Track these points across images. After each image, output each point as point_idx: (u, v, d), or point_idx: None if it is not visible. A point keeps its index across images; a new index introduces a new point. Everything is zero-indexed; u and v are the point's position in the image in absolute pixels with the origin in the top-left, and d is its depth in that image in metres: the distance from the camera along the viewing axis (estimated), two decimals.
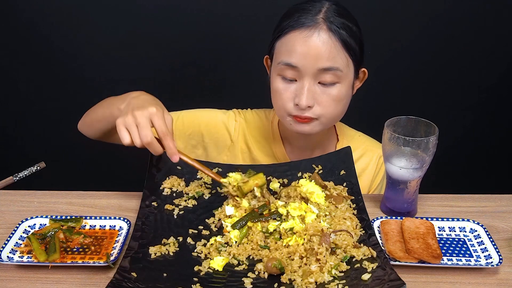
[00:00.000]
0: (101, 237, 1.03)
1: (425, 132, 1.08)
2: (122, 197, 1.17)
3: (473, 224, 1.06)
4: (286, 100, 1.20)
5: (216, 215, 1.07)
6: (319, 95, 1.18)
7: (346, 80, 1.20)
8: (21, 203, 1.14)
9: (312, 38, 1.15)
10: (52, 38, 2.11)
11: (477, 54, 2.18)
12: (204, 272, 0.93)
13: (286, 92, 1.20)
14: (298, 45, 1.16)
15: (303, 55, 1.15)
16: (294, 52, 1.16)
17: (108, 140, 1.33)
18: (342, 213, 1.04)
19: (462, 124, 2.31)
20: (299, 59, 1.16)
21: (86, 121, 1.33)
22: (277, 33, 1.21)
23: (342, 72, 1.17)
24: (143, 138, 1.03)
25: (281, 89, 1.21)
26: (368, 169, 1.38)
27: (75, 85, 2.19)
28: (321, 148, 1.37)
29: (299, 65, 1.16)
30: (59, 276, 0.93)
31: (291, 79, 1.19)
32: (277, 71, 1.21)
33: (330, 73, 1.16)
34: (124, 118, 1.05)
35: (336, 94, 1.19)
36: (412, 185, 1.09)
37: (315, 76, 1.17)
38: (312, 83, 1.17)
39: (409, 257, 0.95)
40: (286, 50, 1.18)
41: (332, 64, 1.16)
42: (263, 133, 1.39)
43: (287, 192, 1.09)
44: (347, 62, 1.18)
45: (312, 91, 1.18)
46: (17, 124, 2.29)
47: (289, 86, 1.20)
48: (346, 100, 1.24)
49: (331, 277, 0.89)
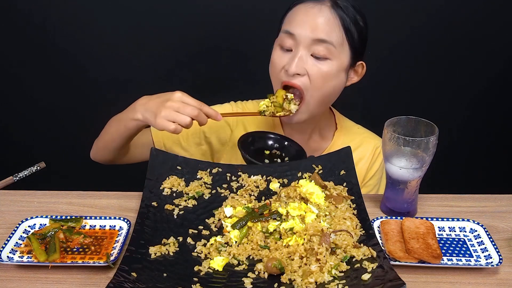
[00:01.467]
0: (101, 237, 1.03)
1: (425, 132, 1.08)
2: (122, 197, 1.17)
3: (473, 224, 1.06)
4: (278, 67, 1.26)
5: (216, 215, 1.07)
6: (310, 66, 1.23)
7: (339, 59, 1.24)
8: (21, 203, 1.14)
9: (313, 10, 1.22)
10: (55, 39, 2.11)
11: (477, 54, 2.18)
12: (204, 272, 0.93)
13: (280, 60, 1.26)
14: (300, 15, 1.23)
15: (301, 23, 1.22)
16: (294, 21, 1.23)
17: (123, 160, 1.38)
18: (342, 213, 1.04)
19: (462, 124, 2.31)
20: (296, 27, 1.22)
21: (99, 146, 1.37)
22: (287, 9, 1.28)
23: (335, 49, 1.22)
24: (191, 114, 1.12)
25: (276, 57, 1.27)
26: (364, 159, 1.40)
27: (76, 85, 2.19)
28: (319, 134, 1.42)
29: (296, 33, 1.22)
30: (59, 276, 0.93)
31: (288, 49, 1.25)
32: (277, 42, 1.28)
33: (323, 45, 1.21)
34: (160, 115, 1.12)
35: (326, 70, 1.23)
36: (412, 185, 1.09)
37: (308, 46, 1.22)
38: (305, 53, 1.23)
39: (409, 257, 0.95)
40: (289, 20, 1.26)
41: (326, 37, 1.21)
42: (263, 120, 1.43)
43: (287, 193, 1.09)
44: (342, 41, 1.23)
45: (303, 60, 1.23)
46: (17, 124, 2.29)
47: (285, 55, 1.25)
48: (335, 83, 1.26)
49: (331, 277, 0.89)
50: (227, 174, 1.20)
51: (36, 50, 2.13)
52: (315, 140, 1.42)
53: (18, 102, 2.24)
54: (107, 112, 2.34)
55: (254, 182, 1.17)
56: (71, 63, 2.15)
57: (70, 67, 2.16)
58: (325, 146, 1.42)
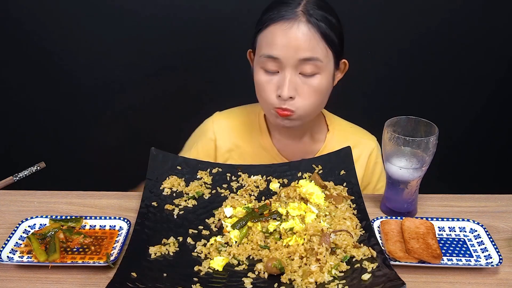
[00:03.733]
0: (101, 237, 1.03)
1: (425, 132, 1.08)
2: (122, 197, 1.17)
3: (473, 224, 1.06)
4: (269, 92, 1.23)
5: (216, 215, 1.07)
6: (300, 86, 1.21)
7: (326, 71, 1.22)
8: (21, 203, 1.14)
9: (291, 30, 1.18)
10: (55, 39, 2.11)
11: (478, 54, 2.18)
12: (204, 272, 0.93)
13: (269, 85, 1.23)
14: (279, 37, 1.18)
15: (284, 47, 1.18)
16: (275, 44, 1.19)
17: None
18: (342, 213, 1.04)
19: (462, 124, 2.31)
20: (280, 51, 1.18)
21: None
22: (258, 27, 1.24)
23: (322, 63, 1.20)
24: None
25: (264, 81, 1.23)
26: (359, 161, 1.38)
27: (76, 85, 2.19)
28: (309, 137, 1.39)
29: (280, 57, 1.19)
30: (59, 276, 0.93)
31: (273, 71, 1.22)
32: (259, 64, 1.24)
33: (310, 63, 1.19)
34: None
35: (317, 85, 1.21)
36: (412, 185, 1.09)
37: (295, 67, 1.19)
38: (294, 74, 1.20)
39: (409, 257, 0.95)
40: (267, 42, 1.20)
41: (311, 54, 1.18)
42: (250, 127, 1.41)
43: (287, 193, 1.09)
44: (326, 53, 1.21)
45: (294, 82, 1.20)
46: (17, 124, 2.29)
47: (272, 78, 1.22)
48: (326, 91, 1.26)
49: (331, 277, 0.89)
50: (227, 174, 1.20)
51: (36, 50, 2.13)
52: (307, 143, 1.39)
53: (18, 102, 2.24)
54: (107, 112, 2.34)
55: (254, 182, 1.17)
56: (72, 64, 2.15)
57: (70, 67, 2.16)
58: (317, 148, 1.39)
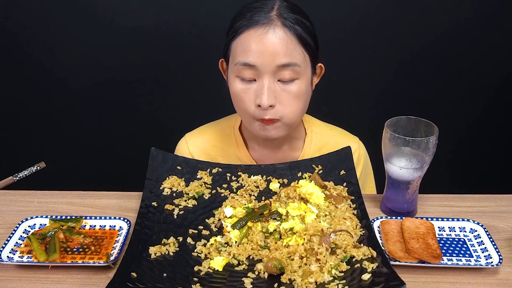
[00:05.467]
0: (101, 237, 1.03)
1: (425, 132, 1.08)
2: (122, 197, 1.17)
3: (473, 224, 1.06)
4: (248, 102, 1.18)
5: (216, 215, 1.07)
6: (280, 93, 1.16)
7: (305, 76, 1.18)
8: (21, 203, 1.15)
9: (267, 35, 1.13)
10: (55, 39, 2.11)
11: (478, 54, 2.19)
12: (204, 272, 0.93)
13: (246, 94, 1.18)
14: (254, 43, 1.13)
15: (260, 53, 1.13)
16: (251, 51, 1.14)
17: None
18: (342, 213, 1.04)
19: (462, 124, 2.31)
20: (256, 58, 1.13)
21: None
22: (231, 34, 1.18)
23: (301, 68, 1.16)
24: None
25: (241, 91, 1.18)
26: None
27: (76, 85, 2.19)
28: (288, 145, 1.35)
29: (257, 64, 1.14)
30: (59, 276, 0.93)
31: (250, 79, 1.17)
32: (234, 73, 1.18)
33: (289, 69, 1.14)
34: None
35: (296, 91, 1.17)
36: (412, 185, 1.09)
37: (274, 73, 1.15)
38: (272, 81, 1.15)
39: (409, 257, 0.95)
40: (242, 50, 1.15)
41: (290, 60, 1.14)
42: (225, 141, 1.37)
43: (287, 193, 1.09)
44: (304, 57, 1.17)
45: (273, 89, 1.15)
46: (17, 124, 2.29)
47: (249, 87, 1.17)
48: (306, 97, 1.22)
49: (331, 277, 0.89)
50: (227, 174, 1.20)
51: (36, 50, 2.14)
52: (285, 151, 1.35)
53: (18, 102, 2.24)
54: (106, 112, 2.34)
55: (254, 182, 1.17)
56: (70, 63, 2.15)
57: (69, 67, 2.16)
58: (296, 156, 1.36)
